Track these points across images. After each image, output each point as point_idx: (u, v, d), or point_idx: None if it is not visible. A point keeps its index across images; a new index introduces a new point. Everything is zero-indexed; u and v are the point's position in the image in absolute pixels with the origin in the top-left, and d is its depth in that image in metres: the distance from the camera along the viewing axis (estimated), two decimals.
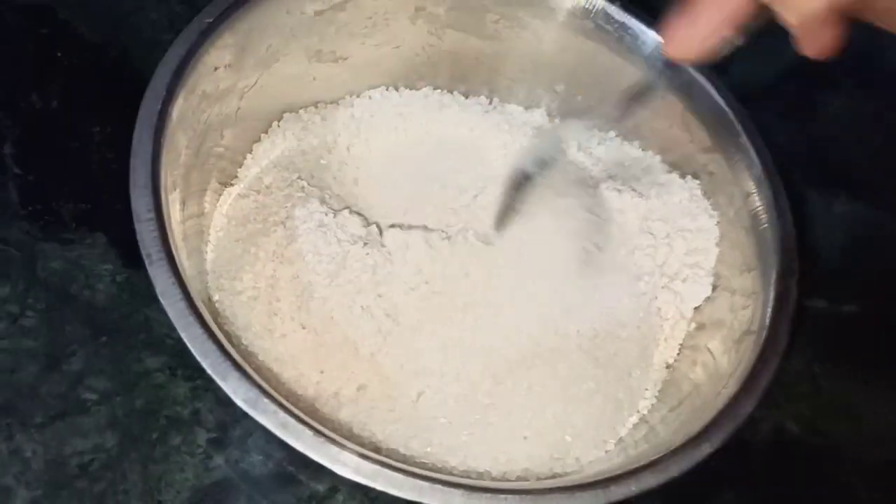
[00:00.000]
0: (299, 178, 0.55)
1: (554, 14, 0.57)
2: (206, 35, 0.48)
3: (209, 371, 0.39)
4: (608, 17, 0.56)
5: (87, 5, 0.64)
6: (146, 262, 0.41)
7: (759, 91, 0.59)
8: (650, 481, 0.41)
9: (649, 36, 0.55)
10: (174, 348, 0.51)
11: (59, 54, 0.61)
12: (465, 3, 0.58)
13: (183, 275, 0.41)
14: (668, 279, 0.54)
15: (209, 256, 0.52)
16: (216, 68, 0.50)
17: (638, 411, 0.51)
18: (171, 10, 0.66)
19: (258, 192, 0.54)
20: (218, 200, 0.54)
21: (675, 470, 0.41)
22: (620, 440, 0.49)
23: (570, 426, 0.49)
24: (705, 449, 0.42)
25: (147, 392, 0.50)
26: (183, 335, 0.40)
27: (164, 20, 0.66)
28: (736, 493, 0.53)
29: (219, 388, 0.47)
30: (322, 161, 0.57)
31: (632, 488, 0.40)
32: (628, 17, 0.56)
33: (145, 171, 0.43)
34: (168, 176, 0.45)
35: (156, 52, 0.46)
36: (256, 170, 0.56)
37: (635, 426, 0.50)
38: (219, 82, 0.50)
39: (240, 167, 0.56)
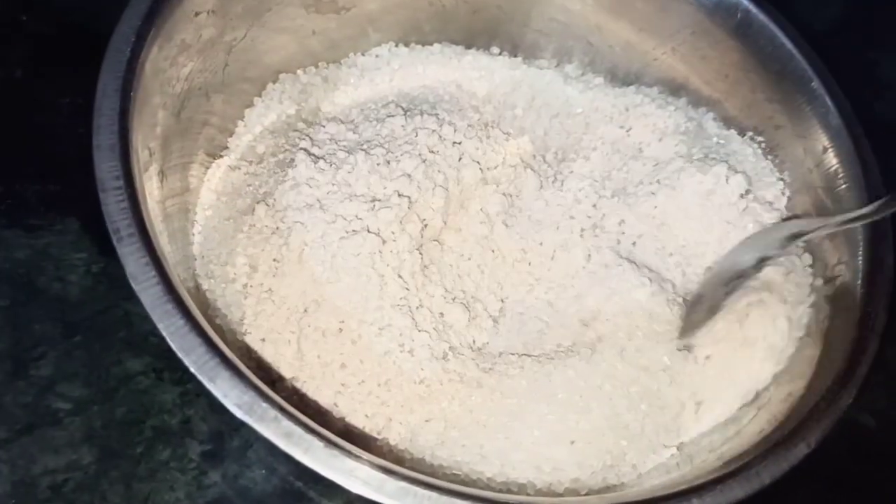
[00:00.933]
0: (293, 143, 0.48)
1: None
2: None
3: (193, 370, 0.32)
4: None
5: None
6: (113, 240, 0.34)
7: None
8: (737, 492, 0.33)
9: None
10: (160, 347, 0.45)
11: (23, 18, 0.55)
12: None
13: (161, 255, 0.34)
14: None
15: (196, 239, 0.45)
16: (197, 13, 0.42)
17: (704, 406, 0.43)
18: None
19: (251, 162, 0.47)
20: (206, 174, 0.46)
21: (766, 476, 0.34)
22: (682, 445, 0.42)
23: (624, 428, 0.41)
24: (802, 450, 0.34)
25: (129, 399, 0.44)
26: (160, 326, 0.33)
27: None
28: (811, 491, 0.45)
29: (212, 394, 0.42)
30: (323, 125, 0.49)
31: (718, 501, 0.33)
32: None
33: (111, 130, 0.36)
34: (140, 140, 0.37)
35: None
36: (249, 138, 0.48)
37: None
38: (200, 30, 0.43)
39: (230, 136, 0.48)
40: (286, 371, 0.41)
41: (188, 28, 0.42)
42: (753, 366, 0.42)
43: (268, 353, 0.42)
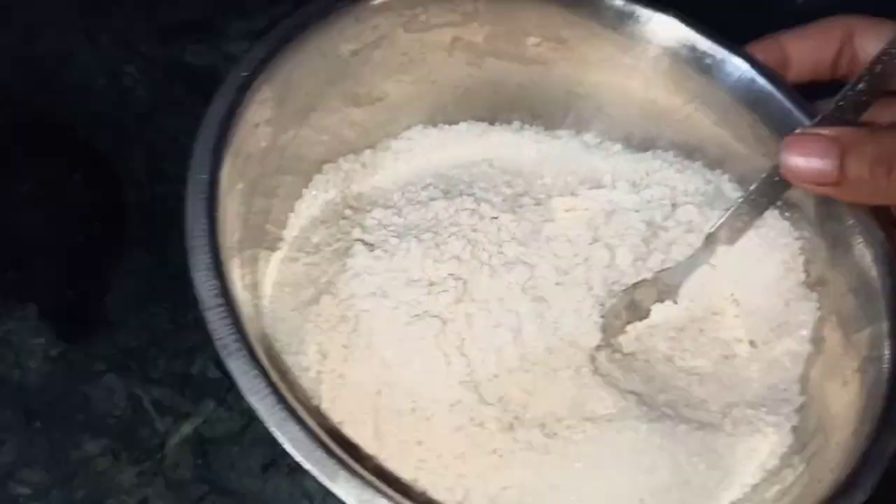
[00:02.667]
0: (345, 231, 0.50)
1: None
2: (245, 90, 0.43)
3: (313, 472, 0.34)
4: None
5: (8, 49, 0.61)
6: (222, 355, 0.36)
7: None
8: None
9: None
10: (117, 428, 0.47)
11: None
12: (504, 27, 0.53)
13: (265, 364, 0.36)
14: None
15: (267, 332, 0.46)
16: (257, 125, 0.45)
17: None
18: (105, 52, 0.63)
19: (308, 253, 0.50)
20: (267, 268, 0.49)
21: None
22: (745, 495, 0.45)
23: (685, 483, 0.44)
24: (858, 498, 0.38)
25: (88, 482, 0.46)
26: (275, 433, 0.35)
27: (95, 64, 0.63)
28: None
29: (170, 472, 0.46)
30: (368, 209, 0.52)
31: None
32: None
33: (204, 250, 0.38)
34: (226, 253, 0.40)
35: (88, 99, 0.42)
36: (301, 228, 0.51)
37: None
38: (260, 140, 0.46)
39: (284, 229, 0.51)
40: (367, 450, 0.44)
41: (250, 140, 0.45)
42: None
43: (348, 434, 0.44)
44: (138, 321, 0.52)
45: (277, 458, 0.48)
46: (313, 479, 0.45)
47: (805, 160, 0.42)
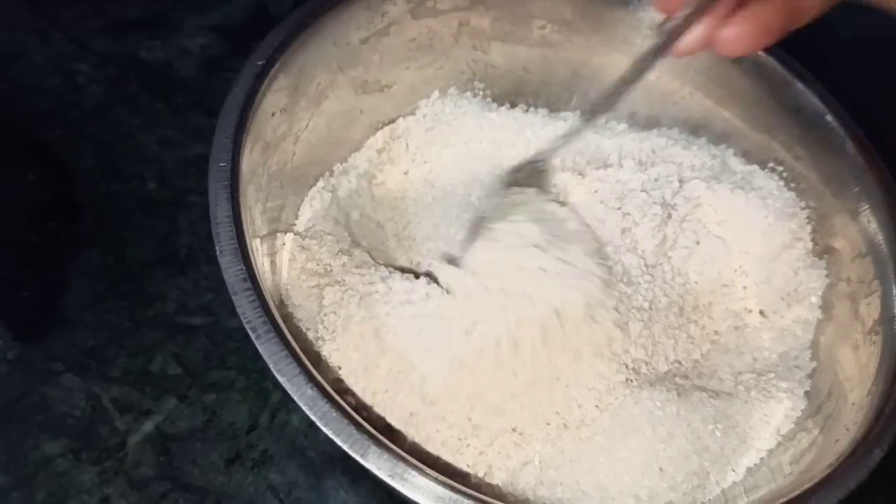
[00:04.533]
0: (351, 231, 0.52)
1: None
2: (262, 79, 0.44)
3: (345, 448, 0.35)
4: None
5: None
6: (253, 338, 0.37)
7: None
8: (830, 499, 0.37)
9: None
10: (76, 428, 0.47)
11: None
12: (510, 11, 0.54)
13: (294, 346, 0.37)
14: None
15: (289, 312, 0.47)
16: (273, 114, 0.46)
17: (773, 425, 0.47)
18: (58, 50, 0.63)
19: (319, 240, 0.50)
20: (284, 252, 0.50)
21: (852, 482, 0.38)
22: (760, 462, 0.46)
23: (704, 450, 0.45)
24: (877, 455, 0.39)
25: (48, 482, 0.45)
26: (306, 409, 0.36)
27: (47, 62, 0.62)
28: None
29: (131, 470, 0.46)
30: (374, 196, 0.53)
31: None
32: None
33: (229, 235, 0.39)
34: (250, 239, 0.40)
35: (40, 98, 0.41)
36: (313, 217, 0.52)
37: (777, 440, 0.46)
38: (276, 128, 0.46)
39: (297, 216, 0.51)
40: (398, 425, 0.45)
41: (267, 128, 0.45)
42: None
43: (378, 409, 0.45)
44: (96, 320, 0.51)
45: (241, 452, 0.48)
46: (278, 472, 0.48)
47: None
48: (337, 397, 0.37)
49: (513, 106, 0.59)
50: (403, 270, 0.49)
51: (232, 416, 0.49)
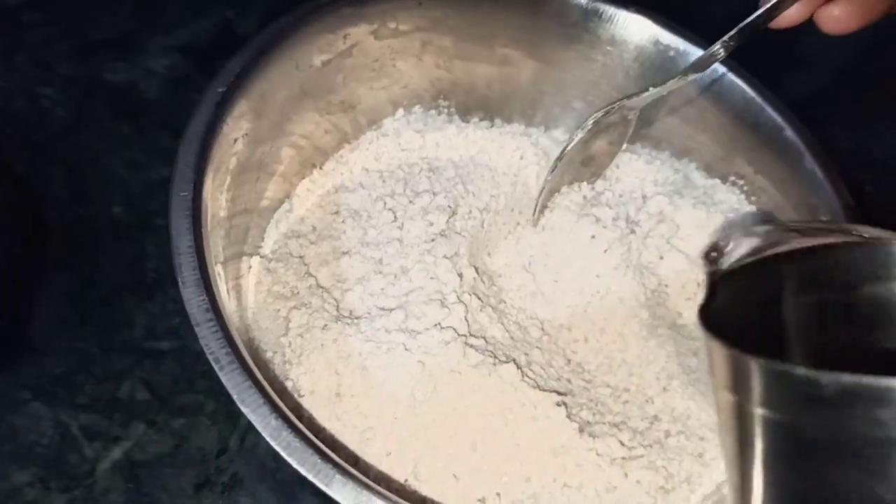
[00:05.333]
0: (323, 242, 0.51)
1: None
2: (223, 105, 0.44)
3: (310, 477, 0.35)
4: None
5: None
6: (216, 368, 0.37)
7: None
8: None
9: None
10: (45, 457, 0.47)
11: None
12: (472, 31, 0.55)
13: (257, 375, 0.37)
14: None
15: (254, 341, 0.47)
16: (235, 140, 0.46)
17: None
18: (23, 74, 0.63)
19: (286, 263, 0.51)
20: (249, 278, 0.50)
21: None
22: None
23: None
24: None
25: None
26: (272, 441, 0.36)
27: (12, 86, 0.62)
28: None
29: (101, 497, 0.46)
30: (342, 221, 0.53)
31: None
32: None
33: (191, 266, 0.39)
34: (213, 267, 0.40)
35: (5, 121, 0.40)
36: (279, 239, 0.52)
37: None
38: (239, 154, 0.46)
39: (263, 239, 0.52)
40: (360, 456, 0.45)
41: (230, 154, 0.45)
42: None
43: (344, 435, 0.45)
44: (64, 346, 0.51)
45: (211, 477, 0.48)
46: (248, 495, 0.48)
47: None
48: (301, 426, 0.37)
49: (480, 121, 0.59)
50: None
51: (201, 440, 0.49)
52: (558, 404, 0.45)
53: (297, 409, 0.44)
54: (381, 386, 0.45)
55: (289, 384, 0.45)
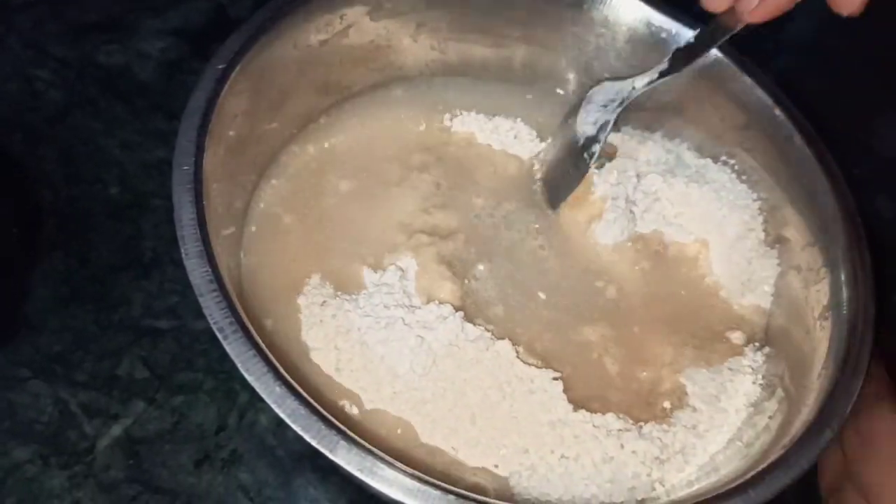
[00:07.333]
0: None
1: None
2: (222, 82, 0.45)
3: (314, 444, 0.36)
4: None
5: None
6: (220, 338, 0.37)
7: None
8: (783, 479, 0.39)
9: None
10: (44, 434, 0.48)
11: None
12: (467, 12, 0.55)
13: (261, 345, 0.38)
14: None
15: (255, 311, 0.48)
16: (235, 116, 0.46)
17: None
18: (15, 56, 0.63)
19: (283, 232, 0.51)
20: (248, 248, 0.50)
21: (805, 462, 0.39)
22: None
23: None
24: (827, 435, 0.40)
25: (18, 488, 0.45)
26: (275, 407, 0.36)
27: (5, 68, 0.62)
28: None
29: (101, 474, 0.46)
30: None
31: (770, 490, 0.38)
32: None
33: (194, 238, 0.39)
34: (215, 240, 0.41)
35: None
36: (276, 208, 0.52)
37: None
38: (238, 130, 0.47)
39: (259, 208, 0.52)
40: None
41: (229, 130, 0.46)
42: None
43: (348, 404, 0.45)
44: (61, 325, 0.51)
45: (210, 453, 0.49)
46: (247, 471, 0.48)
47: None
48: (305, 394, 0.37)
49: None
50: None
51: (200, 417, 0.50)
52: (555, 378, 0.46)
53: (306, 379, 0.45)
54: (381, 360, 0.45)
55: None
